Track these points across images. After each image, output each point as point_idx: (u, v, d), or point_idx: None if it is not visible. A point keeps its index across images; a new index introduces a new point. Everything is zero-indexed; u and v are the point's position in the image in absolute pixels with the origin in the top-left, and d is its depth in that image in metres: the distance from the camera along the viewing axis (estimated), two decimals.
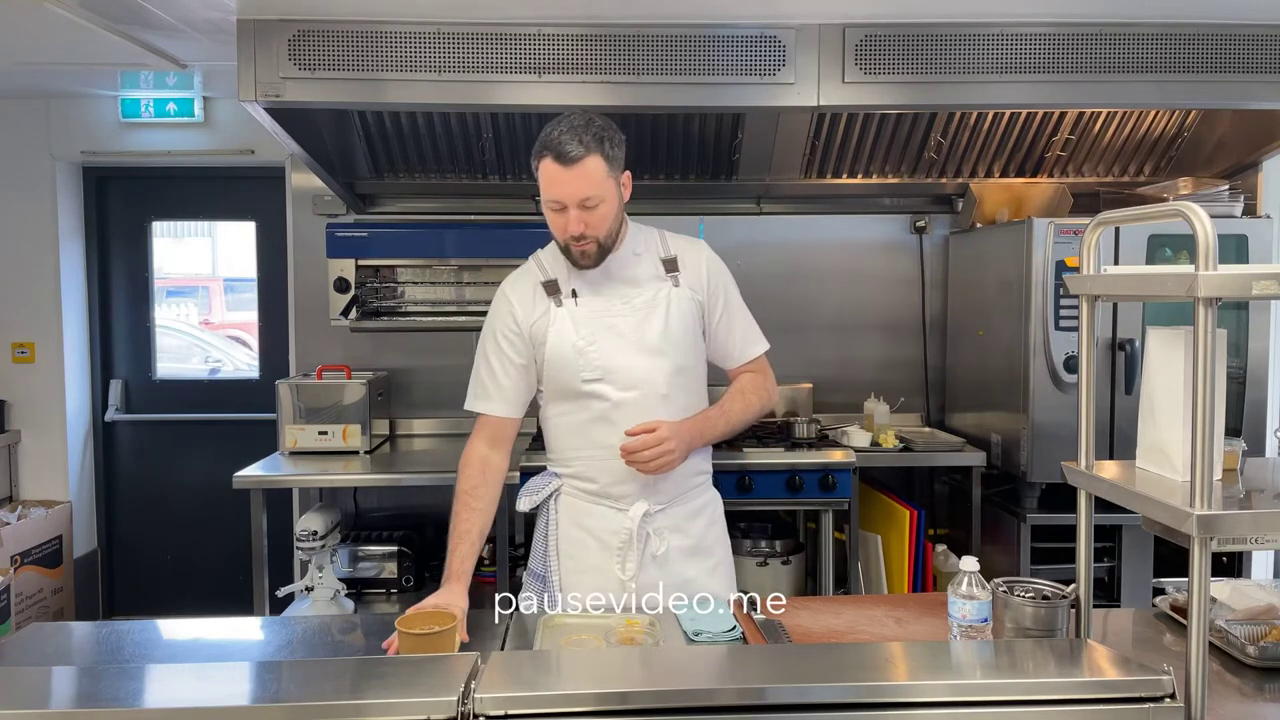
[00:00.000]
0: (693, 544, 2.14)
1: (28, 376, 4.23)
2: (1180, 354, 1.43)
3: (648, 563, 2.08)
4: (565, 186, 1.95)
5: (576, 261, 2.05)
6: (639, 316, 2.07)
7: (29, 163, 4.16)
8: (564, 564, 2.12)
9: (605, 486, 2.09)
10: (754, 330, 2.23)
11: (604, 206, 1.98)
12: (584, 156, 1.93)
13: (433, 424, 4.00)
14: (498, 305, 2.15)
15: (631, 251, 2.12)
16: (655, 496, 2.08)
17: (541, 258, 2.16)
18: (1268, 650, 1.64)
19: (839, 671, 1.35)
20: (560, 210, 1.98)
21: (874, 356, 4.03)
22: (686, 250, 2.16)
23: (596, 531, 2.10)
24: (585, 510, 2.12)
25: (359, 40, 2.84)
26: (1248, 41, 2.96)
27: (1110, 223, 1.56)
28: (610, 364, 2.04)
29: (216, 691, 1.30)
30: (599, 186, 1.96)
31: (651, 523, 2.08)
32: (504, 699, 1.21)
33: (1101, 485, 1.52)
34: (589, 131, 1.95)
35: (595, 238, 2.00)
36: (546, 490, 2.17)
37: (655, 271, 2.12)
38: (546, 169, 1.96)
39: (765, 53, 2.92)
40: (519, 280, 2.16)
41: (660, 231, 2.19)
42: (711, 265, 2.17)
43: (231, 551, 4.20)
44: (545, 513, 2.18)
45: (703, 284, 2.14)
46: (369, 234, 3.76)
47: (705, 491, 2.22)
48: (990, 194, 3.72)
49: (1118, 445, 3.18)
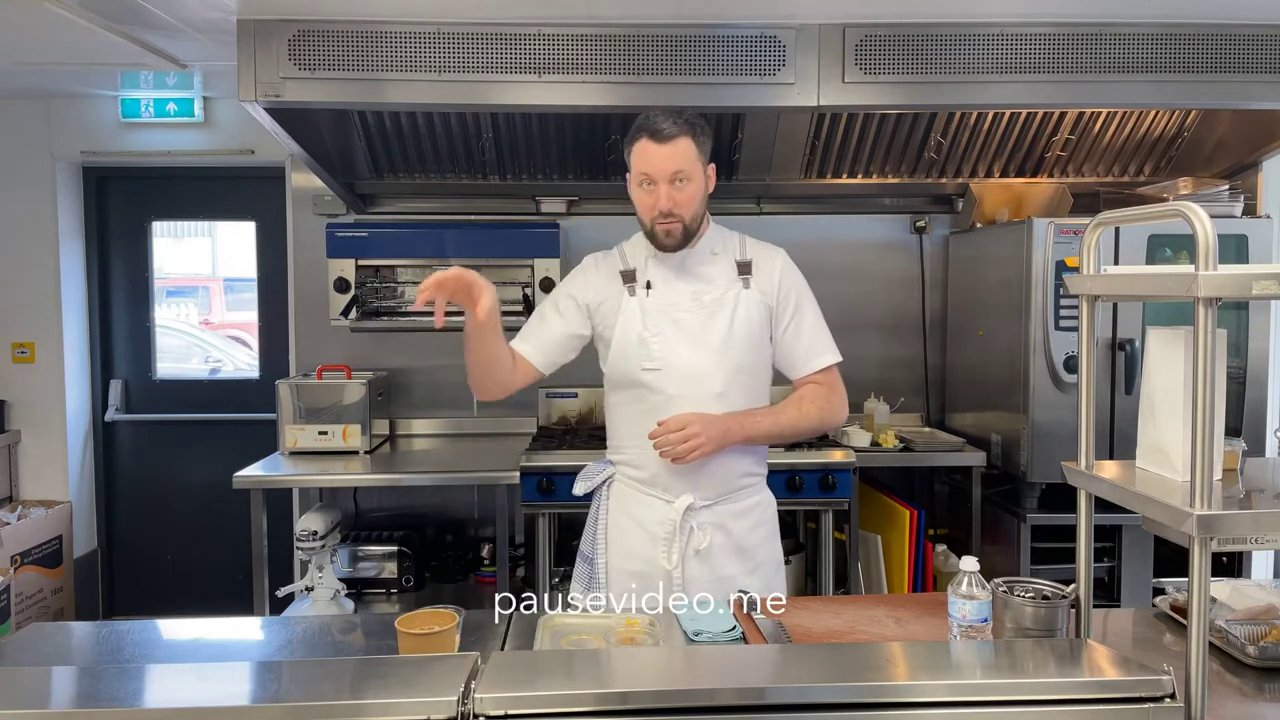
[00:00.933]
0: (735, 543, 2.15)
1: (28, 376, 4.23)
2: (1180, 354, 1.43)
3: (690, 556, 2.10)
4: (658, 162, 2.02)
5: (661, 243, 2.09)
6: (706, 314, 2.11)
7: (29, 163, 4.16)
8: (611, 548, 2.18)
9: (654, 476, 2.13)
10: (824, 341, 2.22)
11: (692, 186, 2.05)
12: (677, 135, 2.02)
13: (433, 424, 4.01)
14: (575, 273, 2.23)
15: (709, 250, 2.16)
16: (700, 491, 2.11)
17: (625, 247, 2.22)
18: (1268, 650, 1.64)
19: (839, 671, 1.35)
20: (650, 187, 2.04)
21: (874, 356, 4.03)
22: (762, 254, 2.19)
23: (643, 520, 2.14)
24: (634, 499, 2.17)
25: (359, 40, 2.85)
26: (1248, 41, 2.97)
27: (1110, 223, 1.56)
28: (670, 357, 2.09)
29: (216, 691, 1.30)
30: (689, 164, 2.04)
31: (695, 516, 2.11)
32: (504, 699, 1.21)
33: (1101, 485, 1.52)
34: (682, 116, 2.04)
35: (682, 218, 2.06)
36: (601, 476, 2.23)
37: (729, 272, 2.16)
38: (641, 148, 2.04)
39: (765, 53, 2.92)
40: (602, 261, 2.22)
41: (741, 235, 2.23)
42: (785, 270, 2.19)
43: (231, 551, 4.21)
44: (598, 498, 2.24)
45: (774, 288, 2.16)
46: (369, 234, 3.76)
47: (756, 493, 2.22)
48: (990, 194, 3.72)
49: (1118, 445, 3.18)
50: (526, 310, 3.70)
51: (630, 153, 2.07)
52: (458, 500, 4.01)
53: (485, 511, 3.98)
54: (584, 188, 3.88)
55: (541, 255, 3.70)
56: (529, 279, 3.72)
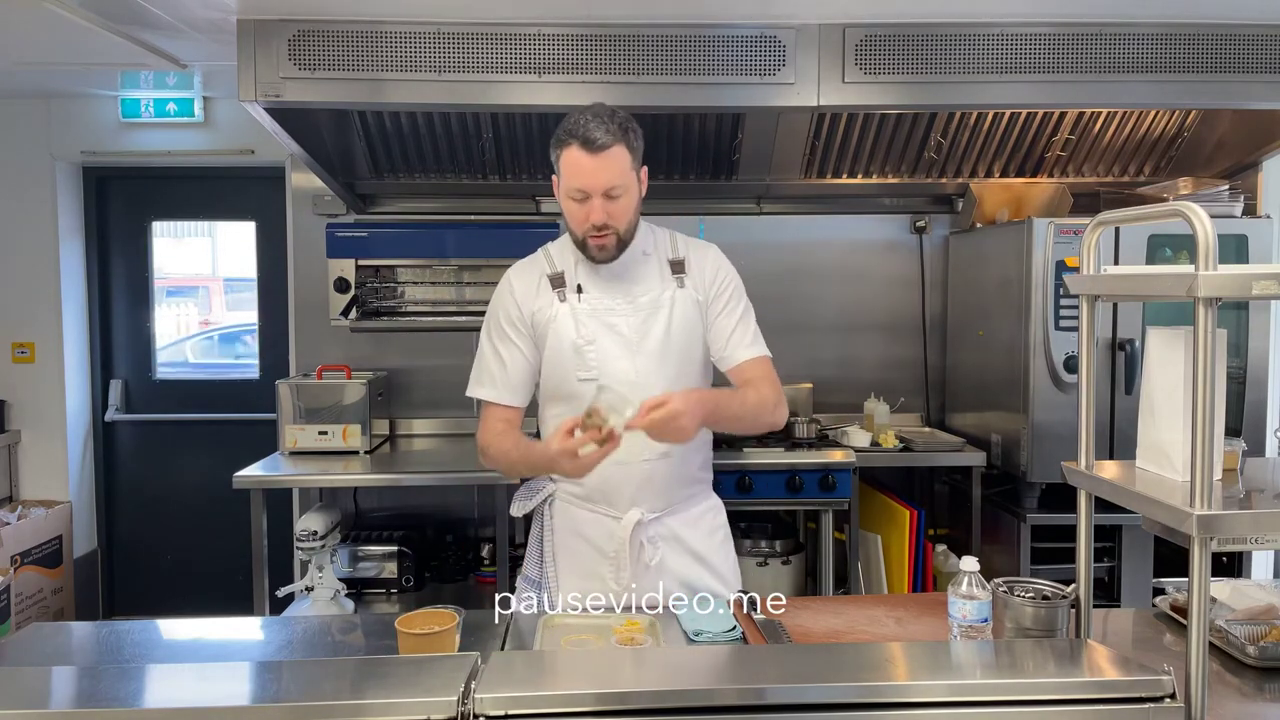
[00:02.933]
0: (691, 552, 2.09)
1: (28, 376, 4.23)
2: (1180, 354, 1.43)
3: (641, 571, 2.03)
4: (591, 175, 1.91)
5: (593, 256, 2.00)
6: (641, 317, 2.03)
7: (29, 163, 4.16)
8: (561, 569, 2.09)
9: (596, 491, 2.04)
10: (754, 332, 2.13)
11: (626, 198, 1.96)
12: (611, 145, 1.91)
13: (433, 424, 4.01)
14: (501, 292, 2.11)
15: (641, 250, 2.08)
16: (648, 504, 2.03)
17: (550, 250, 2.13)
18: (1268, 650, 1.64)
19: (839, 671, 1.35)
20: (583, 200, 1.95)
21: (874, 356, 4.03)
22: (695, 252, 2.12)
23: (591, 538, 2.06)
24: (579, 517, 2.08)
25: (359, 40, 2.84)
26: (1248, 41, 2.97)
27: (1110, 223, 1.56)
28: (607, 364, 1.99)
29: (216, 691, 1.30)
30: (624, 176, 1.94)
31: (644, 531, 2.03)
32: (504, 699, 1.21)
33: (1101, 485, 1.52)
34: (614, 121, 1.93)
35: (616, 229, 1.97)
36: (541, 495, 2.14)
37: (662, 272, 2.08)
38: (571, 157, 1.92)
39: (765, 53, 2.92)
40: (525, 269, 2.12)
41: (672, 233, 2.15)
42: (719, 265, 2.12)
43: (231, 551, 4.20)
44: (540, 518, 2.14)
45: (706, 283, 2.09)
46: (369, 234, 3.76)
47: (704, 499, 2.16)
48: (990, 194, 3.72)
49: (1118, 445, 3.18)
50: None
51: (559, 158, 1.95)
52: (458, 500, 4.01)
53: (485, 511, 3.97)
54: None
55: None
56: None
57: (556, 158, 1.97)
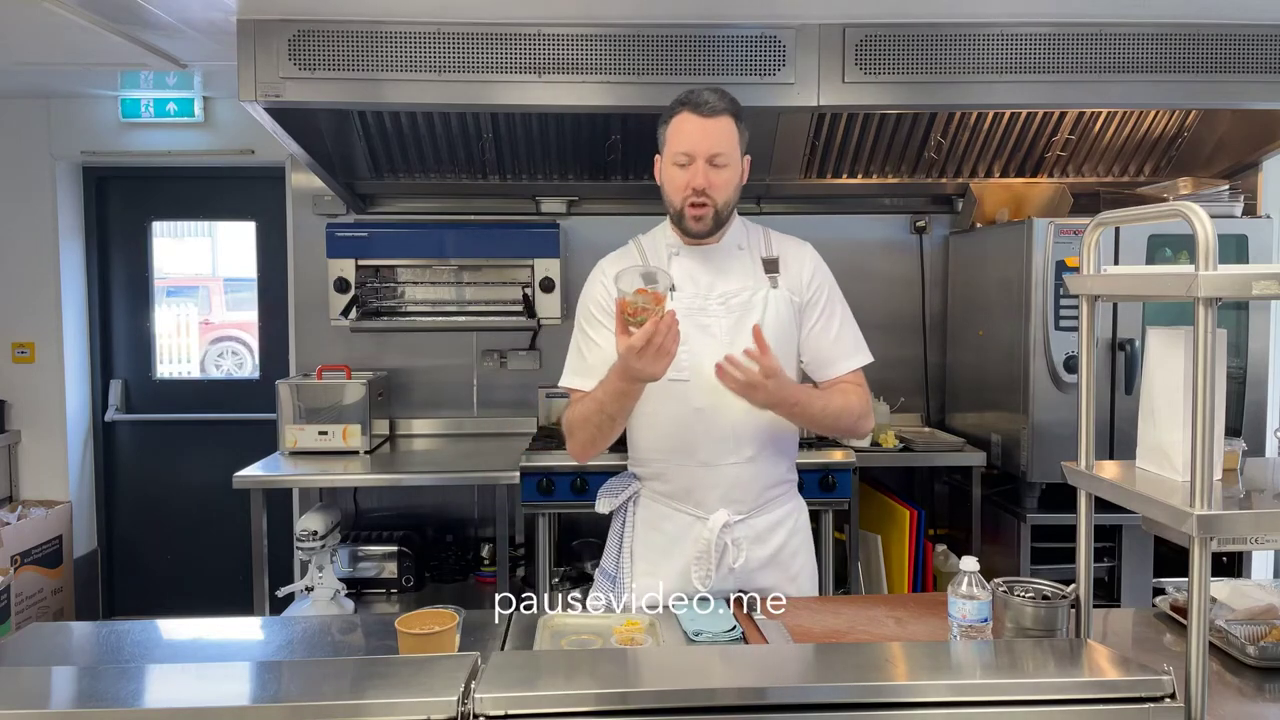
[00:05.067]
0: (771, 554, 2.05)
1: (28, 376, 4.23)
2: (1180, 354, 1.43)
3: (725, 574, 1.99)
4: (700, 138, 1.90)
5: (690, 229, 1.96)
6: (734, 318, 1.98)
7: (29, 163, 4.16)
8: (637, 565, 2.05)
9: (683, 490, 2.02)
10: (857, 340, 2.10)
11: (729, 170, 1.94)
12: (722, 113, 1.91)
13: (433, 424, 4.01)
14: (593, 281, 2.06)
15: (735, 245, 2.04)
16: (735, 505, 2.00)
17: (643, 242, 2.09)
18: (1268, 650, 1.64)
19: (839, 671, 1.35)
20: (687, 165, 1.92)
21: (874, 356, 4.02)
22: (790, 251, 2.08)
23: (674, 537, 2.03)
24: (664, 514, 2.05)
25: (359, 40, 2.85)
26: (1248, 41, 2.97)
27: (1110, 223, 1.55)
28: (699, 366, 1.93)
29: (216, 691, 1.30)
30: (730, 146, 1.92)
31: (730, 533, 1.99)
32: (504, 699, 1.21)
33: (1101, 485, 1.52)
34: (727, 96, 1.94)
35: (715, 201, 1.93)
36: (626, 492, 2.10)
37: (755, 270, 2.04)
38: (681, 122, 1.92)
39: (765, 53, 2.92)
40: (618, 260, 2.07)
41: (766, 229, 2.11)
42: (816, 266, 2.08)
43: (231, 551, 4.20)
44: (622, 514, 2.11)
45: (803, 285, 2.04)
46: (369, 234, 3.76)
47: (788, 500, 2.11)
48: (990, 194, 3.72)
49: (1118, 445, 3.18)
50: (526, 310, 3.70)
51: (667, 129, 1.95)
52: (458, 500, 4.01)
53: (485, 511, 3.98)
54: (584, 188, 3.88)
55: (542, 255, 3.70)
56: (529, 279, 3.72)
57: (663, 130, 1.96)
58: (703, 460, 1.98)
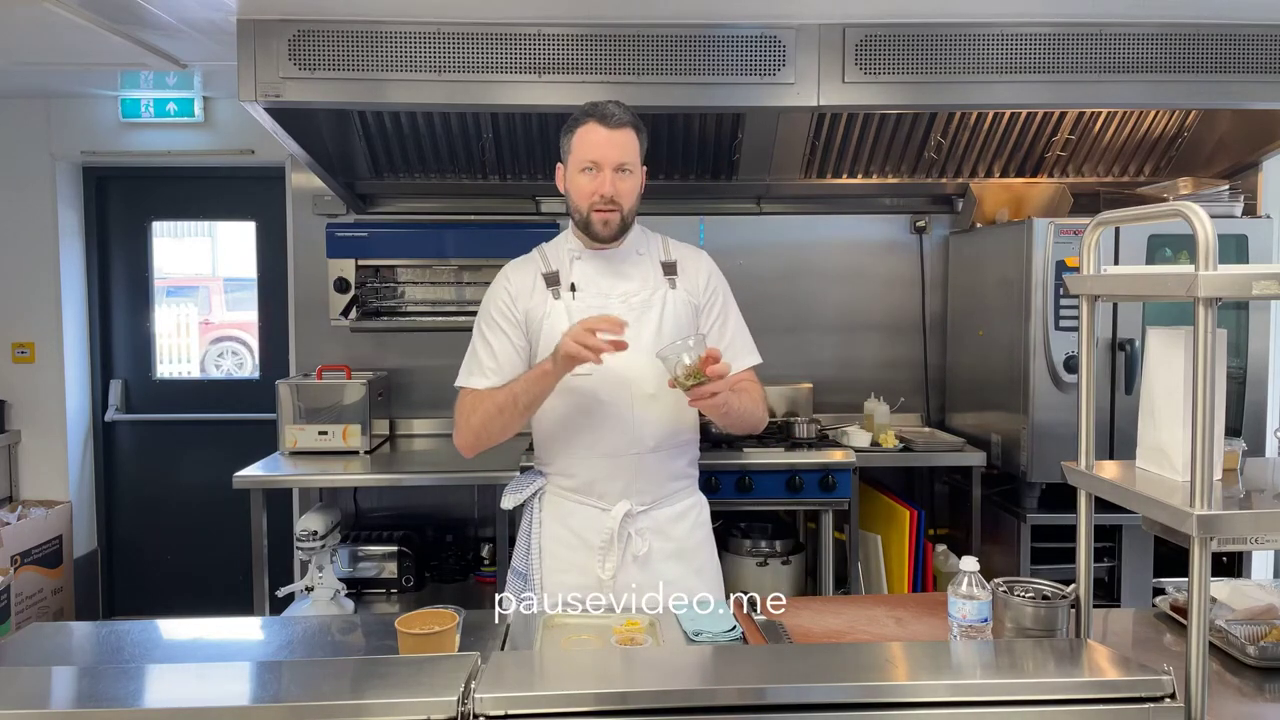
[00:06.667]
0: (676, 547, 2.14)
1: (28, 376, 4.23)
2: (1180, 354, 1.43)
3: (628, 563, 2.08)
4: (606, 147, 2.02)
5: (598, 233, 2.07)
6: (634, 315, 2.06)
7: (29, 163, 4.16)
8: (545, 562, 2.14)
9: (587, 483, 2.11)
10: (748, 341, 2.21)
11: (633, 179, 2.07)
12: (626, 124, 2.03)
13: (433, 424, 4.00)
14: (496, 286, 2.17)
15: (635, 250, 2.15)
16: (638, 496, 2.10)
17: (545, 249, 2.19)
18: (1268, 650, 1.64)
19: (839, 671, 1.35)
20: (594, 173, 2.03)
21: (874, 356, 4.03)
22: (687, 256, 2.20)
23: (579, 530, 2.11)
24: (569, 509, 2.14)
25: (359, 40, 2.85)
26: (1248, 41, 2.97)
27: (1110, 223, 1.56)
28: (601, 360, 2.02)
29: (216, 691, 1.30)
30: (634, 156, 2.05)
31: (633, 523, 2.09)
32: (504, 699, 1.21)
33: (1101, 485, 1.52)
34: (629, 109, 2.06)
35: (621, 208, 2.05)
36: (531, 488, 2.20)
37: (654, 272, 2.15)
38: (587, 132, 2.03)
39: (765, 53, 2.92)
40: (521, 266, 2.19)
41: (663, 237, 2.23)
42: (711, 272, 2.20)
43: (231, 551, 4.20)
44: (529, 511, 2.20)
45: (700, 288, 2.16)
46: (369, 234, 3.77)
47: (690, 495, 2.21)
48: (990, 194, 3.72)
49: (1118, 445, 3.18)
50: None
51: (572, 138, 2.05)
52: (458, 500, 4.01)
53: (485, 511, 3.98)
54: None
55: None
56: None
57: (568, 139, 2.07)
58: (604, 452, 2.08)
